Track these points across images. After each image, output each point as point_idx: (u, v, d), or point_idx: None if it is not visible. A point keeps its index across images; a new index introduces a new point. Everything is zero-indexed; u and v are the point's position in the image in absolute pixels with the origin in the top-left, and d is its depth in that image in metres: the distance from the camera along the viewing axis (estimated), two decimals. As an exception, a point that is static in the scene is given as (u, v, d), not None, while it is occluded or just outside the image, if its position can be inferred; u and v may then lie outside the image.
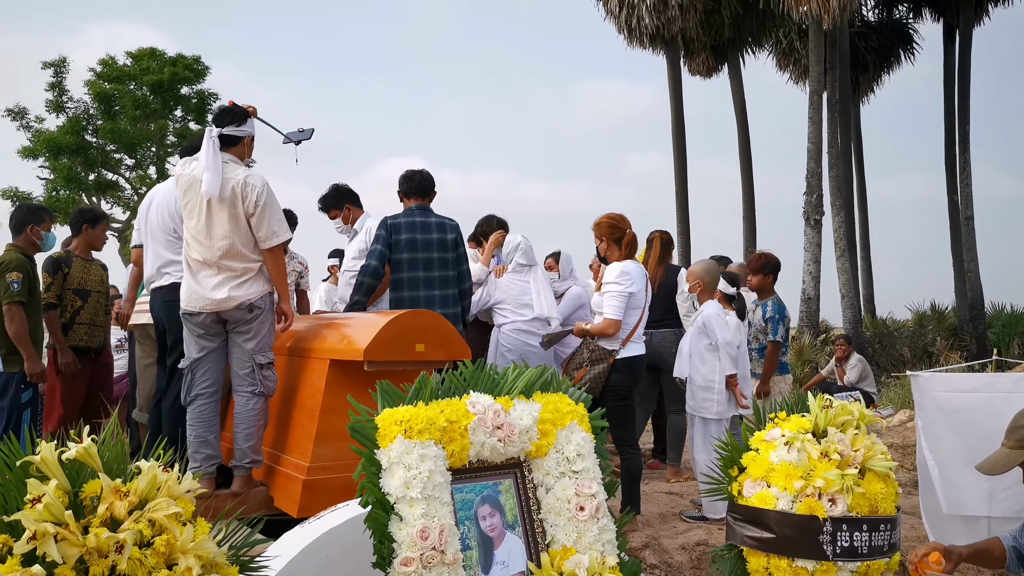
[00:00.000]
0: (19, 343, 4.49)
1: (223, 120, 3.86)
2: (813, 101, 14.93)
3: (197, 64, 22.17)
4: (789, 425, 2.75)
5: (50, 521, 1.62)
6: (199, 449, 3.80)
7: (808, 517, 2.56)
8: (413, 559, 2.14)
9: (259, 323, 3.80)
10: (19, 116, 20.97)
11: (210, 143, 3.75)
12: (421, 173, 4.95)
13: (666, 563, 3.94)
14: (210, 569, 1.80)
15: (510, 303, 5.39)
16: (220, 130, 3.82)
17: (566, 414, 2.60)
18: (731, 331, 4.93)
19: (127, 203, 22.31)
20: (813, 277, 14.67)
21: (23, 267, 4.61)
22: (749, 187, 18.40)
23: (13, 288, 4.49)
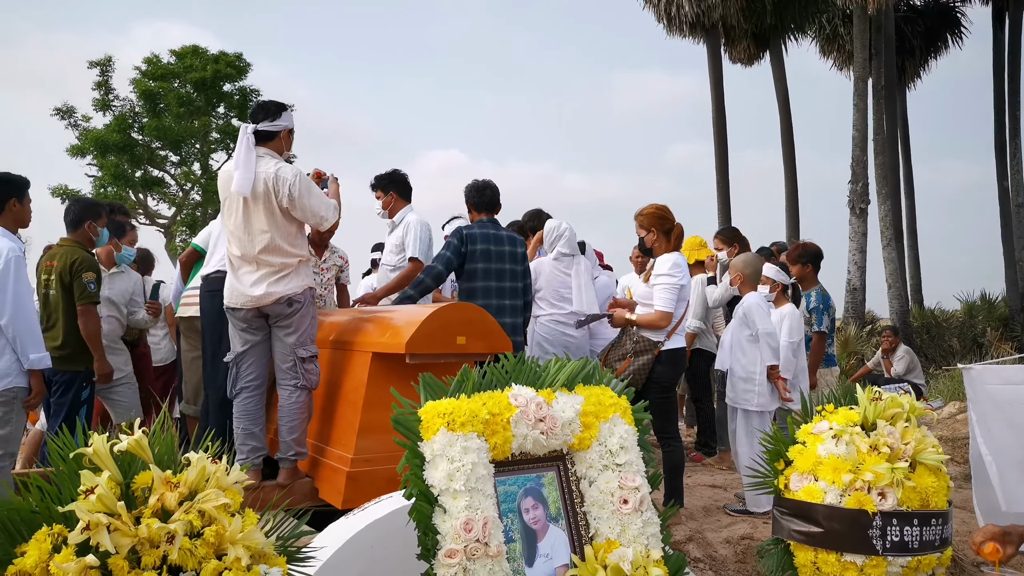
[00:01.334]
0: (92, 343, 4.59)
1: (257, 116, 3.89)
2: (858, 88, 14.64)
3: (239, 61, 22.47)
4: (837, 418, 2.70)
5: (103, 512, 1.65)
6: (245, 441, 3.86)
7: (857, 511, 2.51)
8: (457, 551, 2.15)
9: (299, 317, 3.84)
10: (67, 115, 21.42)
11: (244, 140, 3.79)
12: (490, 187, 5.03)
13: (710, 557, 3.90)
14: (258, 559, 1.82)
15: (549, 295, 5.38)
16: (254, 126, 3.85)
17: (609, 407, 2.59)
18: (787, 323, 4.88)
19: (172, 199, 22.71)
20: (859, 267, 14.41)
21: (95, 267, 4.69)
22: (792, 176, 18.13)
23: (90, 289, 4.57)
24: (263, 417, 3.98)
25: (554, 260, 5.44)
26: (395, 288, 5.08)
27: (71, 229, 4.80)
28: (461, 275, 4.83)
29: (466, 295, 4.70)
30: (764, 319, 4.76)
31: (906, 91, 20.09)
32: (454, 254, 4.72)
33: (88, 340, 4.57)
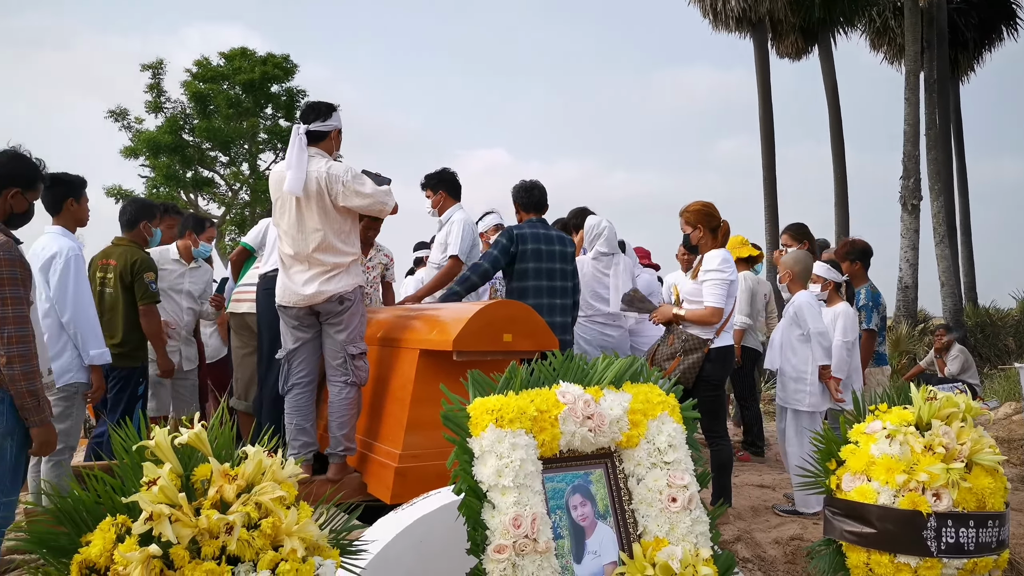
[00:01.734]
0: (155, 341, 4.71)
1: (309, 117, 3.95)
2: (909, 81, 14.32)
3: (286, 62, 22.79)
4: (891, 417, 2.66)
5: (165, 503, 1.70)
6: (296, 436, 3.93)
7: (911, 512, 2.48)
8: (506, 546, 2.16)
9: (350, 315, 3.89)
10: (121, 117, 21.95)
11: (296, 140, 3.85)
12: (538, 187, 5.05)
13: (759, 557, 3.87)
14: (313, 551, 1.86)
15: (588, 294, 5.36)
16: (306, 127, 3.91)
17: (657, 404, 2.59)
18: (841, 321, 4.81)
19: (222, 199, 23.12)
20: (910, 264, 14.11)
21: (154, 266, 4.82)
22: (841, 172, 17.82)
23: (152, 289, 4.70)
24: (314, 413, 4.05)
25: (593, 260, 5.42)
26: (435, 287, 5.12)
27: (127, 229, 4.92)
28: (509, 275, 4.84)
29: (517, 294, 4.71)
30: (815, 318, 4.69)
31: (959, 84, 19.61)
32: (502, 253, 4.74)
33: (151, 338, 4.69)
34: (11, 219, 3.05)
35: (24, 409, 2.84)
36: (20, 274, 2.85)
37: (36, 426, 2.88)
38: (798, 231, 6.10)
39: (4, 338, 2.79)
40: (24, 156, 3.09)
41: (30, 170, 3.08)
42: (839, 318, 4.92)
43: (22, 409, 2.84)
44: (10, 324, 2.80)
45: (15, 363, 2.80)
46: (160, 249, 5.31)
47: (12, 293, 2.82)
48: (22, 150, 3.11)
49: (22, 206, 3.06)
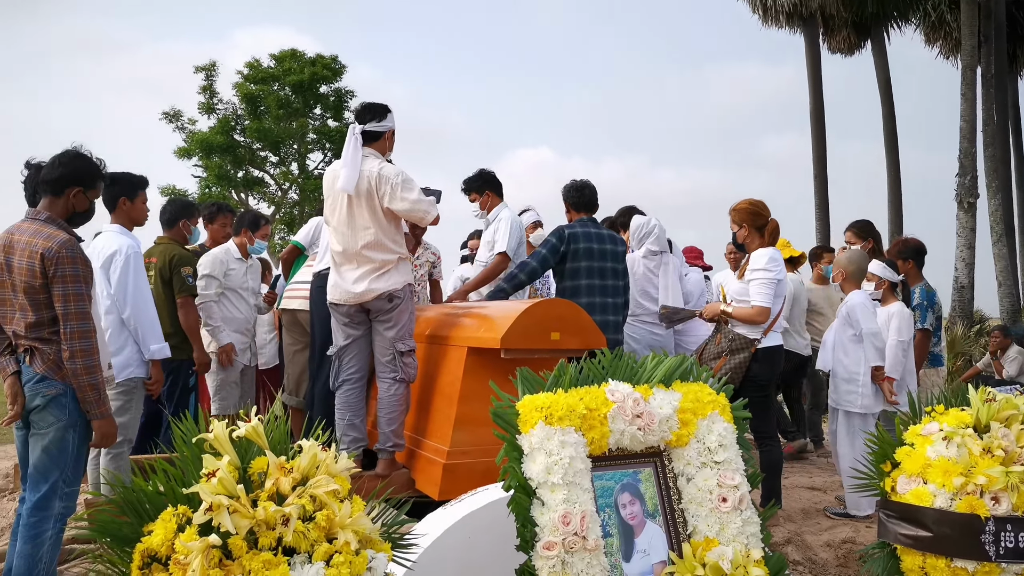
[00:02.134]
0: (191, 334, 4.82)
1: (364, 117, 4.00)
2: (966, 76, 13.97)
3: (334, 63, 23.07)
4: (948, 419, 2.60)
5: (224, 494, 1.74)
6: (346, 432, 3.99)
7: (969, 516, 2.42)
8: (555, 543, 2.17)
9: (399, 312, 3.93)
10: (175, 118, 22.43)
11: (352, 140, 3.91)
12: (589, 187, 5.04)
13: (810, 560, 3.81)
14: (365, 544, 1.89)
15: (637, 293, 5.34)
16: (362, 127, 3.96)
17: (707, 404, 2.57)
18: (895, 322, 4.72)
19: (272, 198, 23.49)
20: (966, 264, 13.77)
21: (192, 262, 4.93)
22: (895, 169, 17.47)
23: (189, 282, 4.82)
24: (364, 409, 4.10)
25: (644, 258, 5.39)
26: (482, 282, 5.15)
27: (166, 227, 5.06)
28: (560, 274, 4.83)
29: (570, 293, 4.70)
30: (868, 318, 4.61)
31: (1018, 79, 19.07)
32: (551, 252, 4.74)
33: (188, 331, 4.78)
34: (73, 217, 3.14)
35: (86, 402, 2.93)
36: (82, 271, 2.94)
37: (97, 419, 2.96)
38: (862, 228, 5.87)
39: (67, 333, 2.88)
40: (85, 156, 3.17)
41: (92, 169, 3.17)
42: (893, 318, 4.83)
43: (84, 402, 2.93)
44: (73, 320, 2.89)
45: (78, 357, 2.88)
46: (222, 248, 5.39)
47: (75, 290, 2.90)
48: (83, 150, 3.19)
49: (84, 205, 3.15)
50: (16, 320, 2.94)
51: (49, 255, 2.87)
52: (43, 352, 2.92)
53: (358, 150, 3.90)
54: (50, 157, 3.14)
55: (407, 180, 3.89)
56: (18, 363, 2.96)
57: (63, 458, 2.92)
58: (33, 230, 2.96)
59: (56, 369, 2.91)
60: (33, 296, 2.90)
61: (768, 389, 4.46)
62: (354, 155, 3.88)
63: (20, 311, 2.93)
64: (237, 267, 5.36)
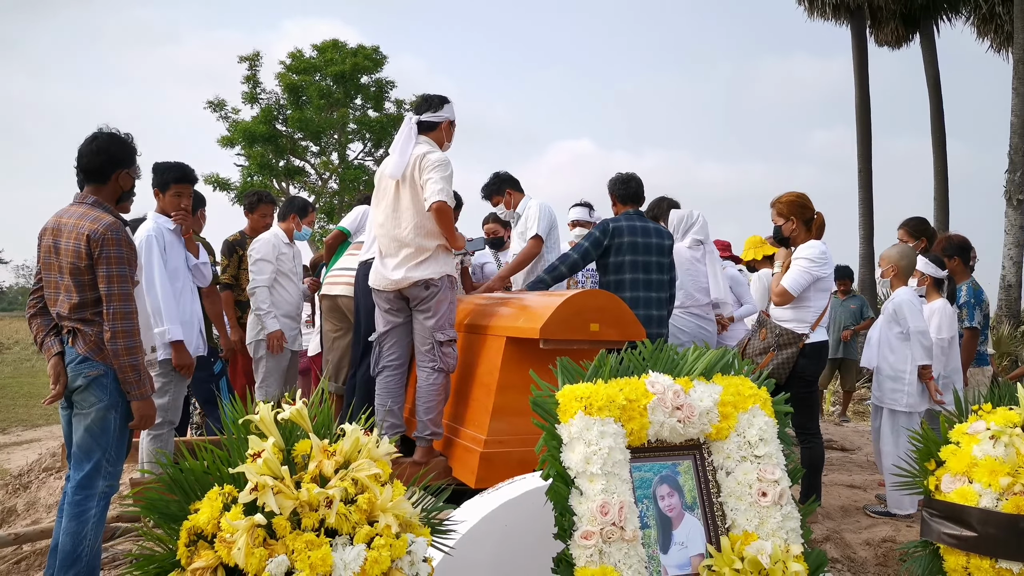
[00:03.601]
0: (216, 321, 4.88)
1: (421, 108, 4.06)
2: (1018, 71, 13.60)
3: (375, 54, 23.18)
4: (995, 418, 2.56)
5: (268, 475, 1.77)
6: (385, 418, 4.02)
7: (1015, 516, 2.38)
8: (593, 533, 2.17)
9: (437, 301, 3.95)
10: (219, 108, 22.72)
11: (406, 128, 3.96)
12: (635, 179, 5.00)
13: (849, 558, 3.77)
14: (405, 528, 1.91)
15: (687, 283, 5.29)
16: (418, 117, 4.00)
17: (748, 397, 2.55)
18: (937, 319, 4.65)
19: (312, 187, 23.70)
20: (1014, 262, 13.45)
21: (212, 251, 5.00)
22: (942, 165, 17.09)
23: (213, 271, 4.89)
24: (403, 396, 4.14)
25: (689, 248, 5.33)
26: (517, 267, 5.16)
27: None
28: (603, 267, 4.81)
29: (614, 287, 4.67)
30: (916, 316, 4.53)
31: (1073, 73, 18.53)
32: (593, 246, 4.71)
33: (213, 319, 4.84)
34: (121, 198, 3.20)
35: (126, 383, 2.98)
36: (126, 253, 2.99)
37: (137, 400, 3.01)
38: (917, 227, 5.62)
39: (109, 314, 2.94)
40: (119, 136, 3.20)
41: (129, 148, 3.22)
42: (935, 315, 4.75)
43: (124, 383, 2.98)
44: (115, 301, 2.94)
45: (118, 338, 2.94)
46: (271, 233, 5.45)
47: (118, 271, 2.95)
48: (111, 129, 3.23)
49: (129, 183, 3.21)
50: (61, 301, 3.01)
51: (95, 236, 2.93)
52: (85, 333, 2.98)
53: (411, 138, 3.95)
54: (80, 145, 3.16)
55: (444, 165, 3.89)
56: (62, 344, 3.03)
57: (105, 438, 2.98)
58: (80, 213, 3.02)
59: (97, 350, 2.97)
60: (78, 277, 2.96)
61: (814, 385, 4.42)
62: (405, 143, 3.93)
63: (65, 292, 2.99)
64: (287, 252, 5.43)
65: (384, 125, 22.86)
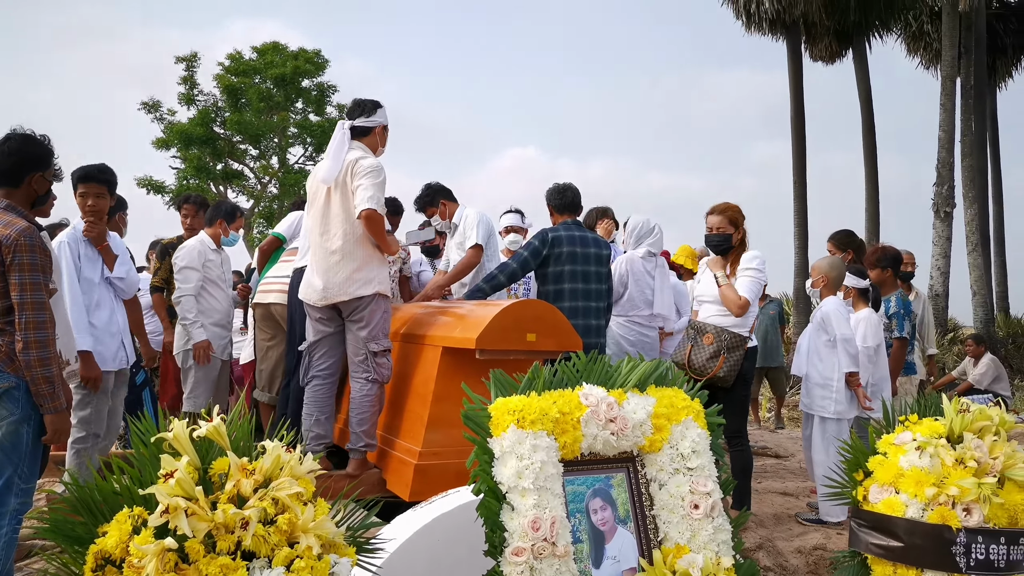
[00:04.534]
0: (137, 331, 4.69)
1: (354, 112, 3.99)
2: (946, 87, 14.11)
3: (317, 57, 22.89)
4: (921, 429, 2.59)
5: (181, 496, 1.69)
6: (311, 428, 3.93)
7: (940, 527, 2.41)
8: (524, 549, 2.13)
9: (370, 312, 3.87)
10: (154, 109, 22.15)
11: (339, 134, 3.88)
12: (571, 189, 5.00)
13: (781, 566, 3.81)
14: (328, 549, 1.84)
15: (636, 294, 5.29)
16: (351, 122, 3.93)
17: (681, 409, 2.54)
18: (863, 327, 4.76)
19: (251, 192, 23.28)
20: (942, 272, 13.91)
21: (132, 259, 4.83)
22: (873, 178, 17.58)
23: None
24: (332, 407, 4.04)
25: (642, 259, 5.33)
26: (457, 276, 5.12)
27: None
28: (542, 277, 4.79)
29: (553, 297, 4.65)
30: (842, 324, 4.62)
31: (996, 91, 19.28)
32: (532, 255, 4.68)
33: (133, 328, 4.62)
34: (36, 202, 3.06)
35: (39, 396, 2.83)
36: (40, 260, 2.85)
37: (51, 413, 2.86)
38: (843, 239, 5.68)
39: (21, 323, 2.79)
40: (34, 137, 3.06)
41: (44, 150, 3.07)
42: (861, 323, 4.86)
43: (37, 396, 2.83)
44: (28, 310, 2.80)
45: (31, 349, 2.79)
46: (197, 239, 5.29)
47: (31, 279, 2.81)
48: (26, 130, 3.08)
49: (44, 187, 3.06)
50: None
51: (7, 242, 2.79)
52: None
53: (344, 143, 3.87)
54: None
55: (376, 171, 3.81)
56: None
57: (17, 454, 2.82)
58: None
59: (8, 362, 2.82)
60: None
61: (750, 387, 4.50)
62: (339, 148, 3.85)
63: None
64: (214, 259, 5.28)
65: (325, 130, 22.56)
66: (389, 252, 3.97)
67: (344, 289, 3.83)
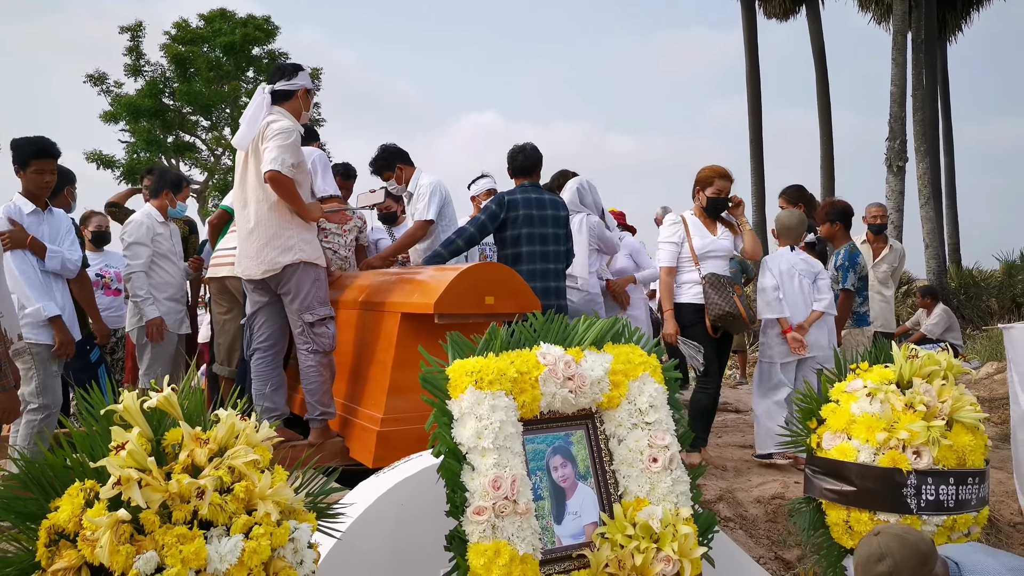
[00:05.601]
0: (87, 306, 4.60)
1: (274, 77, 3.91)
2: (897, 42, 14.21)
3: (267, 24, 22.36)
4: (872, 376, 2.65)
5: (134, 467, 1.67)
6: (259, 402, 3.90)
7: (891, 470, 2.48)
8: (486, 508, 2.15)
9: (297, 282, 3.78)
10: (99, 81, 21.52)
11: (258, 99, 3.81)
12: (526, 150, 4.94)
13: (741, 516, 3.89)
14: (288, 515, 1.84)
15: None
16: (271, 86, 3.85)
17: (638, 365, 2.56)
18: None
19: (204, 164, 22.83)
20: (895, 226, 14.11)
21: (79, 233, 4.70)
22: (828, 134, 17.77)
23: None
24: (278, 378, 3.98)
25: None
26: (400, 248, 5.10)
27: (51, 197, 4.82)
28: (501, 241, 4.76)
29: (512, 260, 4.63)
30: (763, 274, 4.97)
31: (947, 45, 19.52)
32: (490, 219, 4.65)
33: (84, 304, 4.53)
34: None
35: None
36: None
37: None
38: (794, 194, 5.97)
39: None
40: None
41: None
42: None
43: None
44: None
45: None
46: (143, 212, 5.17)
47: None
48: None
49: None
50: None
51: None
52: None
53: (262, 108, 3.79)
54: None
55: (286, 133, 3.70)
56: None
57: None
58: None
59: None
60: None
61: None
62: (255, 113, 3.77)
63: None
64: (163, 232, 5.17)
65: (278, 98, 22.15)
66: (307, 217, 3.83)
67: (263, 258, 3.74)
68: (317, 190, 4.60)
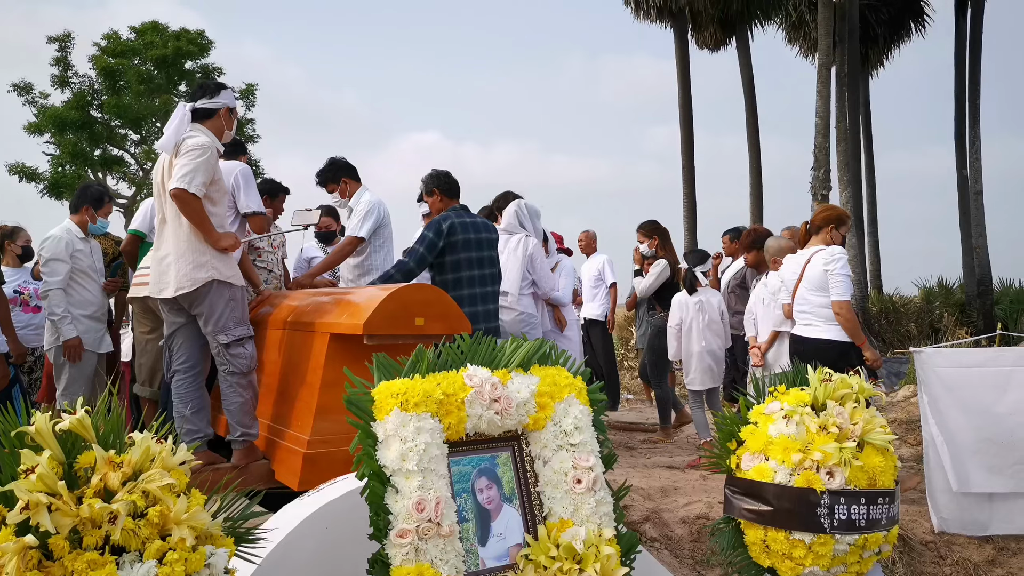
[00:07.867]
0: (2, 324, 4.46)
1: (196, 95, 3.86)
2: (822, 75, 14.75)
3: (200, 38, 22.05)
4: (788, 398, 2.73)
5: (43, 491, 1.62)
6: (180, 424, 3.82)
7: (806, 490, 2.55)
8: (409, 531, 2.15)
9: (209, 304, 3.72)
10: (25, 91, 20.88)
11: (179, 116, 3.73)
12: (449, 174, 4.97)
13: (666, 536, 3.95)
14: (204, 540, 1.80)
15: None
16: (192, 104, 3.80)
17: (564, 387, 2.59)
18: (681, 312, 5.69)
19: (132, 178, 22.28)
20: (819, 252, 14.56)
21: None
22: (756, 163, 18.27)
23: None
24: (200, 399, 3.91)
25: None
26: (329, 265, 5.11)
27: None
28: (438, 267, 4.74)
29: (452, 285, 4.61)
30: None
31: (869, 79, 20.31)
32: (428, 250, 4.63)
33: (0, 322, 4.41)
34: None
35: None
36: None
37: None
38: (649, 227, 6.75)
39: None
40: None
41: None
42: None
43: None
44: None
45: None
46: (62, 228, 5.03)
47: None
48: None
49: None
50: None
51: None
52: None
53: (182, 125, 3.71)
54: None
55: (200, 150, 3.64)
56: None
57: None
58: None
59: None
60: None
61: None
62: (175, 129, 3.68)
63: None
64: (84, 248, 5.04)
65: (211, 114, 21.79)
66: (213, 244, 3.69)
67: (173, 276, 3.68)
68: (241, 206, 4.51)
